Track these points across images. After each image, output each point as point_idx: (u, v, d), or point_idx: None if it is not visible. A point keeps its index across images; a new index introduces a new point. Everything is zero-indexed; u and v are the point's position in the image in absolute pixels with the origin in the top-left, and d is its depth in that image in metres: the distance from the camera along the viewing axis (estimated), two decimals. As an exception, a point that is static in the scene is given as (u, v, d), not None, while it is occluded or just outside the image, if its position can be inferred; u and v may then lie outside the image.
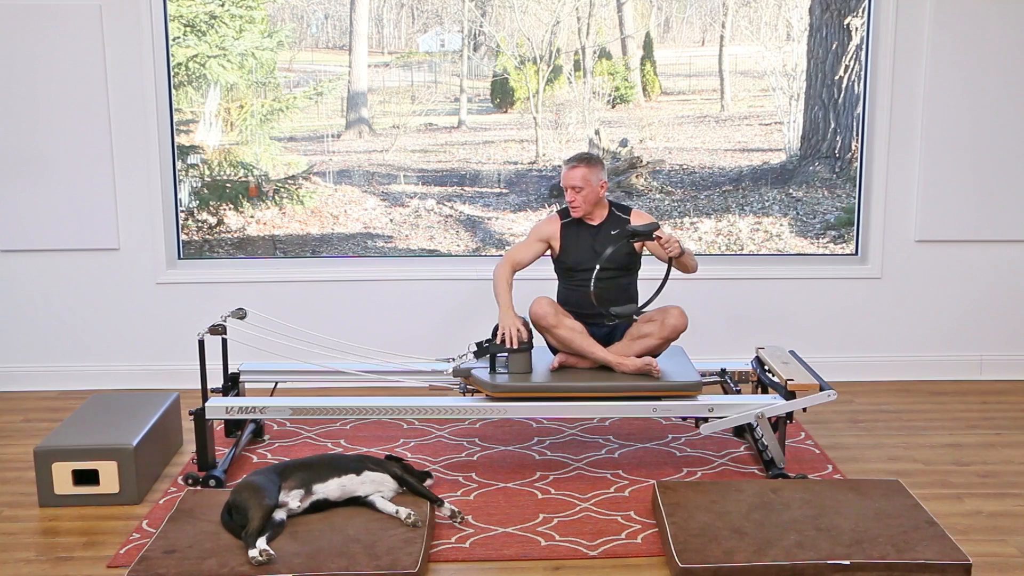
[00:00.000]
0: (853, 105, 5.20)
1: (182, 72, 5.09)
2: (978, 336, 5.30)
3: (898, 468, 4.10)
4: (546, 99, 5.28)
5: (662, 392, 3.91)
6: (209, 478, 3.84)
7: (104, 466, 3.71)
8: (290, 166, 5.26)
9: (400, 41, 5.27)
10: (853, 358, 5.30)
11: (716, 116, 5.32)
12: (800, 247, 5.35)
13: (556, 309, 4.02)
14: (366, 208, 5.31)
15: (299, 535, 3.29)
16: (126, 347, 5.21)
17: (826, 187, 5.32)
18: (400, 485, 3.58)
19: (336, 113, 5.28)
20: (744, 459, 4.17)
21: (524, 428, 4.55)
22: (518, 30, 5.23)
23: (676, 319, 3.98)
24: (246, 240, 5.29)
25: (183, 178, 5.21)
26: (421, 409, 3.92)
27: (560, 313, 4.02)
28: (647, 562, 3.29)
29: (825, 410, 4.66)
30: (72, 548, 3.42)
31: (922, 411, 4.83)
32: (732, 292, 5.22)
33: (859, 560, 3.11)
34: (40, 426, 4.65)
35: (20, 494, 3.87)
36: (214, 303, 5.05)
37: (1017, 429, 4.58)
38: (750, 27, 5.27)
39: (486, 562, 3.30)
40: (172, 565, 3.12)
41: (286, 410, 3.93)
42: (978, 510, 3.70)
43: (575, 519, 3.59)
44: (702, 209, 5.33)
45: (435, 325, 5.17)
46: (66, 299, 5.15)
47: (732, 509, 3.45)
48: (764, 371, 4.19)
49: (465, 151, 5.31)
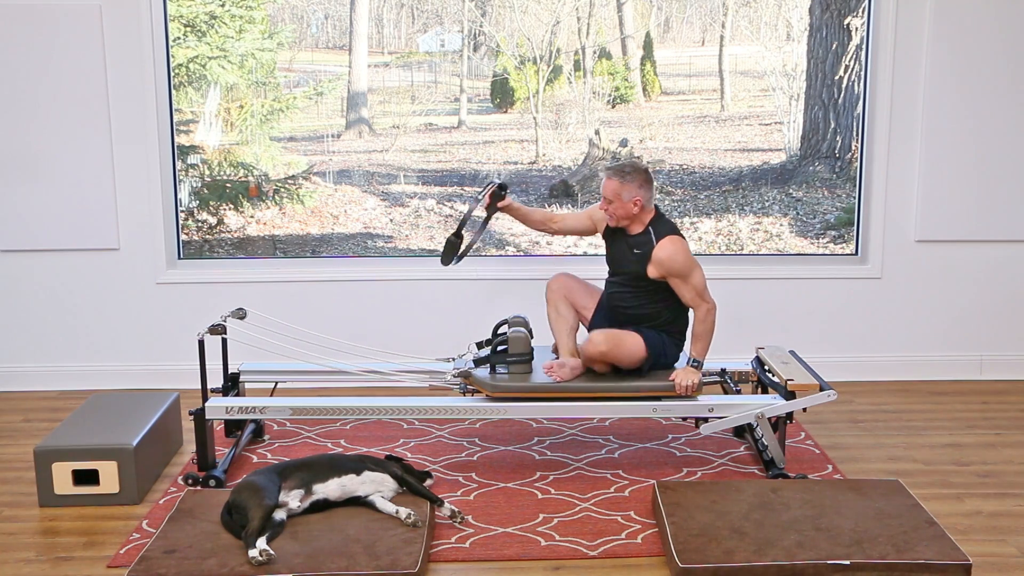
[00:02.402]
0: (853, 105, 5.20)
1: (182, 73, 5.09)
2: (978, 336, 5.30)
3: (898, 468, 4.10)
4: (546, 99, 5.28)
5: (662, 392, 3.91)
6: (209, 478, 3.84)
7: (104, 466, 3.71)
8: (290, 166, 5.26)
9: (400, 41, 5.27)
10: (853, 358, 5.30)
11: (716, 116, 5.32)
12: (800, 247, 5.35)
13: (562, 288, 4.10)
14: (366, 208, 5.31)
15: (299, 535, 3.29)
16: (126, 347, 5.21)
17: (826, 187, 5.32)
18: (400, 485, 3.58)
19: (336, 113, 5.28)
20: (744, 459, 4.17)
21: (524, 428, 4.55)
22: (518, 30, 5.23)
23: (585, 345, 3.95)
24: (246, 240, 5.29)
25: (183, 178, 5.21)
26: (421, 409, 3.92)
27: (562, 295, 4.09)
28: (647, 562, 3.29)
29: (825, 410, 4.66)
30: (72, 548, 3.42)
31: (922, 411, 4.83)
32: (732, 292, 5.21)
33: (859, 560, 3.11)
34: (40, 426, 4.65)
35: (20, 494, 3.87)
36: (214, 303, 5.05)
37: (1017, 429, 4.58)
38: (750, 27, 5.27)
39: (486, 562, 3.30)
40: (172, 565, 3.12)
41: (286, 410, 3.93)
42: (978, 510, 3.70)
43: (575, 519, 3.59)
44: (702, 209, 5.33)
45: (435, 325, 5.17)
46: (66, 299, 5.15)
47: (732, 509, 3.45)
48: (764, 371, 4.19)
49: (465, 151, 5.31)
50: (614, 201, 3.96)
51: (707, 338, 3.96)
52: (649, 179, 3.97)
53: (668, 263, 3.89)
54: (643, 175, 3.95)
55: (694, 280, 3.91)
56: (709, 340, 3.96)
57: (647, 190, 3.95)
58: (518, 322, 4.05)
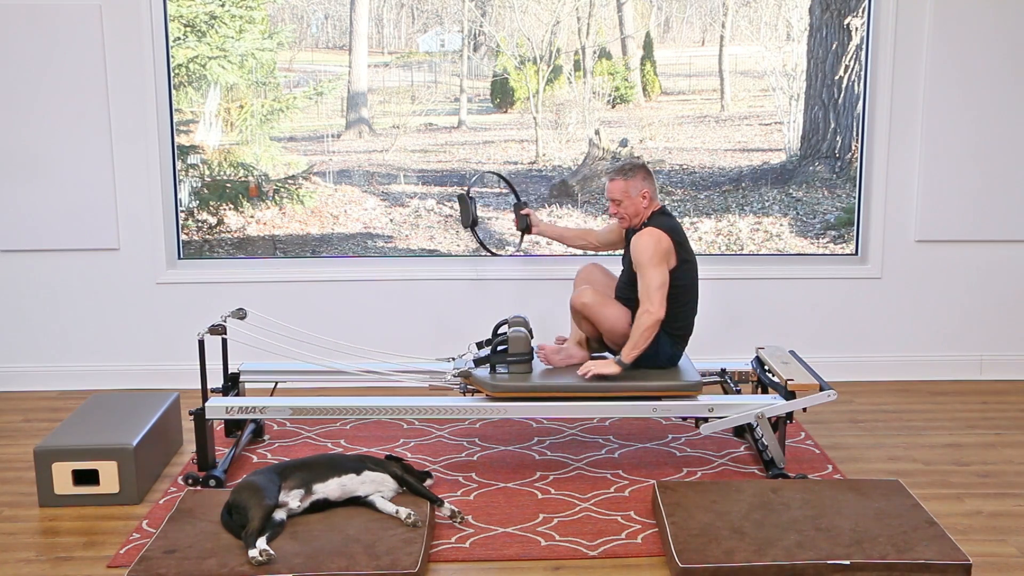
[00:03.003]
0: (853, 105, 5.20)
1: (182, 73, 5.09)
2: (978, 336, 5.30)
3: (898, 468, 4.10)
4: (546, 99, 5.28)
5: (662, 392, 3.91)
6: (209, 478, 3.84)
7: (104, 466, 3.71)
8: (290, 166, 5.26)
9: (400, 41, 5.27)
10: (853, 358, 5.30)
11: (716, 116, 5.32)
12: (800, 247, 5.35)
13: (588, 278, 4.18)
14: (366, 208, 5.31)
15: (299, 535, 3.29)
16: (126, 347, 5.21)
17: (826, 187, 5.32)
18: (400, 485, 3.58)
19: (336, 113, 5.28)
20: (744, 459, 4.17)
21: (524, 428, 4.55)
22: (518, 30, 5.23)
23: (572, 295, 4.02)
24: (246, 240, 5.29)
25: (183, 178, 5.21)
26: (421, 409, 3.92)
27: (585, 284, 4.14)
28: (647, 562, 3.29)
29: (825, 410, 4.66)
30: (72, 548, 3.42)
31: (922, 411, 4.83)
32: (732, 292, 5.22)
33: (859, 560, 3.11)
34: (40, 426, 4.65)
35: (20, 494, 3.87)
36: (214, 303, 5.06)
37: (1017, 429, 4.58)
38: (750, 27, 5.27)
39: (486, 562, 3.30)
40: (172, 565, 3.12)
41: (286, 410, 3.93)
42: (978, 510, 3.70)
43: (575, 519, 3.59)
44: (702, 209, 5.33)
45: (435, 325, 5.17)
46: (66, 299, 5.15)
47: (732, 509, 3.45)
48: (764, 371, 4.19)
49: (465, 151, 5.30)
50: (623, 200, 3.97)
51: (635, 340, 3.84)
52: (650, 172, 4.02)
53: (634, 250, 3.88)
54: (643, 169, 4.00)
55: (648, 277, 3.84)
56: (637, 344, 3.84)
57: (651, 182, 3.99)
58: (518, 322, 4.05)
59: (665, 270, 3.85)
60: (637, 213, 3.99)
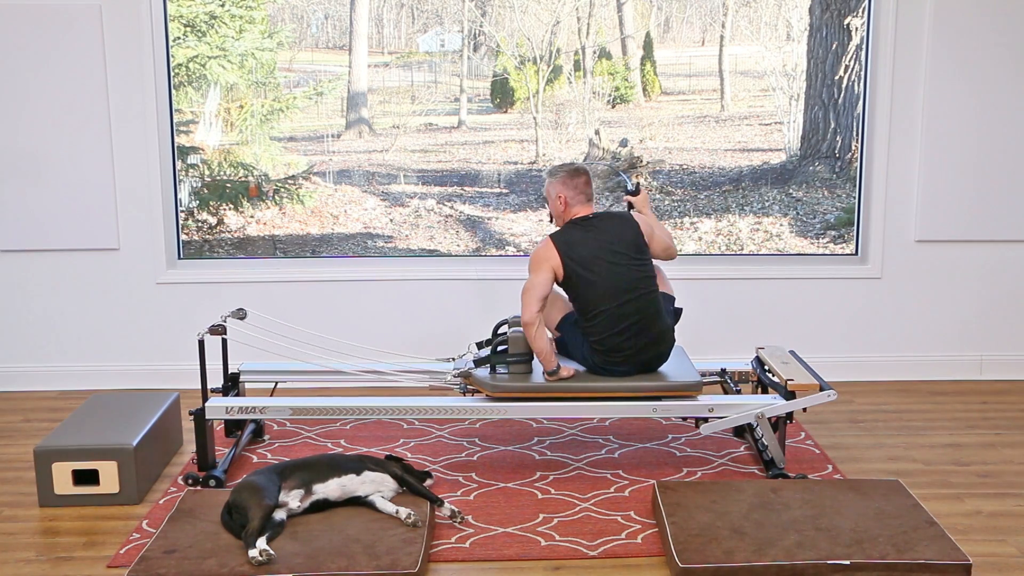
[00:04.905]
0: (853, 105, 5.20)
1: (182, 73, 5.09)
2: (978, 336, 5.30)
3: (898, 468, 4.10)
4: (546, 99, 5.28)
5: (662, 392, 3.91)
6: (209, 478, 3.84)
7: (104, 466, 3.71)
8: (290, 166, 5.26)
9: (400, 41, 5.27)
10: (853, 358, 5.30)
11: (716, 116, 5.32)
12: (800, 247, 5.35)
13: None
14: (366, 208, 5.31)
15: (299, 535, 3.29)
16: (126, 347, 5.21)
17: (826, 187, 5.32)
18: (400, 485, 3.58)
19: (336, 113, 5.28)
20: (744, 459, 4.17)
21: (524, 428, 4.55)
22: (518, 30, 5.23)
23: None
24: (246, 240, 5.29)
25: (183, 178, 5.21)
26: (421, 409, 3.92)
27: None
28: (647, 562, 3.29)
29: (825, 410, 4.66)
30: (72, 548, 3.42)
31: (922, 411, 4.83)
32: (732, 292, 5.22)
33: (859, 560, 3.11)
34: (40, 426, 4.65)
35: (20, 494, 3.87)
36: (214, 303, 5.06)
37: (1017, 429, 4.58)
38: (750, 27, 5.27)
39: (486, 562, 3.30)
40: (172, 565, 3.12)
41: (286, 410, 3.93)
42: (978, 510, 3.70)
43: (575, 519, 3.59)
44: (702, 209, 5.33)
45: (435, 325, 5.17)
46: (66, 299, 5.15)
47: (732, 509, 3.45)
48: (764, 371, 4.19)
49: (465, 151, 5.31)
50: (547, 200, 4.05)
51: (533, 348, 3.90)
52: (576, 178, 3.94)
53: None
54: (566, 173, 3.95)
55: (528, 282, 3.90)
56: (535, 351, 3.89)
57: (569, 187, 3.95)
58: (518, 322, 4.05)
59: (543, 277, 3.87)
60: (558, 215, 4.02)
